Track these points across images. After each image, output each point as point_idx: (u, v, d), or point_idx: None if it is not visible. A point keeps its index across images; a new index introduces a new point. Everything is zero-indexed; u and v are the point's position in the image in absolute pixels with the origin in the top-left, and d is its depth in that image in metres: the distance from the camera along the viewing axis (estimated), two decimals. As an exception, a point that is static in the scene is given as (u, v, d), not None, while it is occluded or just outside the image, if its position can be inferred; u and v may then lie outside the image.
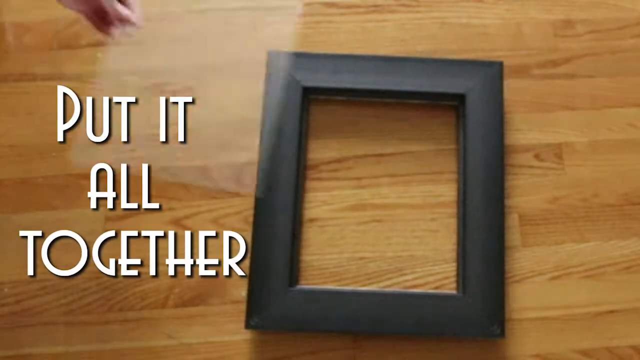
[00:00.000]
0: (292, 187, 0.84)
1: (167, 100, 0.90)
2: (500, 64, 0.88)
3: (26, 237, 0.85)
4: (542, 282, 0.84)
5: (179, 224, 0.86)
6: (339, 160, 0.88)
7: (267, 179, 0.84)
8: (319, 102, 0.90)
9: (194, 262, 0.84)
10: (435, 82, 0.87)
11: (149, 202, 0.86)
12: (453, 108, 0.90)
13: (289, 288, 0.81)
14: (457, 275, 0.84)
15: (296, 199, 0.84)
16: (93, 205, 0.86)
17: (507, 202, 0.86)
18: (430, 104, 0.90)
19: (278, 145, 0.85)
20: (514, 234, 0.85)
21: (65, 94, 0.90)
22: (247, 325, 0.80)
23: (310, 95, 0.89)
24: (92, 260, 0.84)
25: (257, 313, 0.80)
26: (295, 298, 0.81)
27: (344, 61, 0.88)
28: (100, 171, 0.87)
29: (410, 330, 0.80)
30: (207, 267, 0.84)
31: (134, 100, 0.90)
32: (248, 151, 0.88)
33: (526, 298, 0.83)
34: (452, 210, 0.87)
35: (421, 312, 0.80)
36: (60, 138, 0.88)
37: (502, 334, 0.80)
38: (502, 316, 0.80)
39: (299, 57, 0.88)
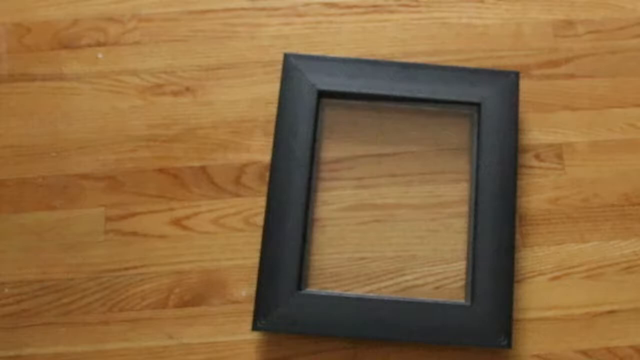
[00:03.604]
0: (304, 190, 0.84)
1: (167, 101, 0.90)
2: (517, 74, 0.88)
3: (26, 237, 0.85)
4: (542, 282, 0.84)
5: (179, 224, 0.86)
6: (339, 161, 0.88)
7: (279, 181, 0.84)
8: (332, 106, 0.90)
9: (194, 262, 0.84)
10: (450, 90, 0.87)
11: (149, 202, 0.86)
12: (463, 114, 0.90)
13: (297, 291, 0.81)
14: (465, 283, 0.84)
15: (308, 202, 0.84)
16: (93, 205, 0.86)
17: (507, 202, 0.86)
18: (443, 111, 0.89)
19: (291, 147, 0.85)
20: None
21: (65, 94, 0.90)
22: (254, 327, 0.80)
23: (324, 99, 0.89)
24: (92, 260, 0.84)
25: (264, 315, 0.80)
26: (303, 302, 0.81)
27: (360, 65, 0.88)
28: (101, 171, 0.87)
29: (417, 338, 0.80)
30: (207, 267, 0.84)
31: (134, 100, 0.90)
32: (248, 151, 0.88)
33: (526, 298, 0.83)
34: (453, 210, 0.87)
35: (428, 321, 0.80)
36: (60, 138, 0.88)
37: (509, 345, 0.80)
38: (510, 327, 0.80)
39: (315, 60, 0.88)
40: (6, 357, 0.81)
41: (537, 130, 0.90)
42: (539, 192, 0.87)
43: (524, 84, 0.90)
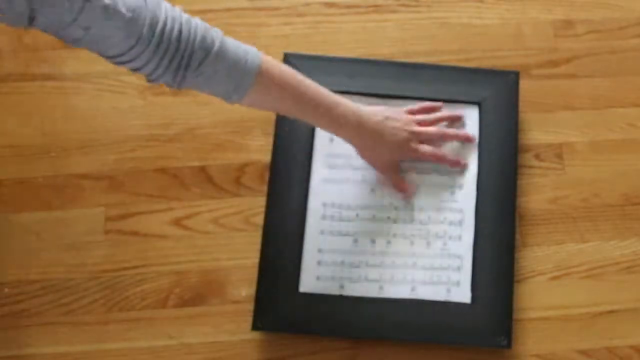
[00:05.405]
0: (304, 190, 0.84)
1: (167, 101, 0.90)
2: (517, 74, 0.88)
3: (26, 236, 0.85)
4: (542, 282, 0.84)
5: (179, 224, 0.85)
6: (339, 160, 0.88)
7: (279, 181, 0.84)
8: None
9: (194, 262, 0.84)
10: (450, 89, 0.87)
11: (149, 202, 0.86)
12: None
13: (297, 291, 0.81)
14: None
15: (308, 202, 0.84)
16: (93, 205, 0.86)
17: (507, 202, 0.86)
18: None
19: (291, 147, 0.85)
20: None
21: (65, 94, 0.90)
22: (254, 327, 0.80)
23: None
24: (92, 260, 0.84)
25: (264, 315, 0.80)
26: (303, 302, 0.81)
27: (360, 65, 0.88)
28: (101, 171, 0.87)
29: (417, 338, 0.80)
30: (207, 267, 0.84)
31: (134, 100, 0.90)
32: (248, 151, 0.88)
33: (526, 298, 0.83)
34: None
35: (428, 321, 0.80)
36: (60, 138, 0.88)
37: (509, 345, 0.80)
38: (510, 327, 0.80)
39: (315, 60, 0.88)
40: (6, 357, 0.81)
41: (537, 130, 0.90)
42: (539, 192, 0.87)
43: (524, 84, 0.90)
